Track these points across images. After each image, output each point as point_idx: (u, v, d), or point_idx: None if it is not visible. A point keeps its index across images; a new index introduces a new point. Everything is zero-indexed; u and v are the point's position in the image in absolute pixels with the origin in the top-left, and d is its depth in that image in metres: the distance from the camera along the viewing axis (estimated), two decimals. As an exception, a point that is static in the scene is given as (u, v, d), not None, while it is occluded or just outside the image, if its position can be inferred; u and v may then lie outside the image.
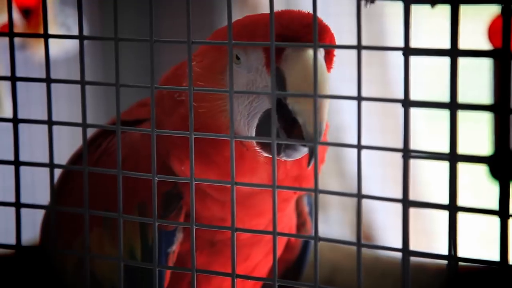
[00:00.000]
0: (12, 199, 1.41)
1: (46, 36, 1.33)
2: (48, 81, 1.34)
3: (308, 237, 1.27)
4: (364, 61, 1.21)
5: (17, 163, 1.39)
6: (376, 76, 3.61)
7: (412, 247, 1.18)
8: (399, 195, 1.19)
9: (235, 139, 1.28)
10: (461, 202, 1.15)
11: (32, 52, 3.02)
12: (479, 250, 3.70)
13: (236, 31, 1.38)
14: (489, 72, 2.21)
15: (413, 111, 1.19)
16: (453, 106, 1.12)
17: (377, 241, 3.64)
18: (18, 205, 1.39)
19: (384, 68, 3.62)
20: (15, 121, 1.38)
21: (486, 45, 2.13)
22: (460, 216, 1.15)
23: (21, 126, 1.39)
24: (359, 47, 1.17)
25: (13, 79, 1.36)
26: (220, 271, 1.59)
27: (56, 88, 1.35)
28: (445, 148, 1.15)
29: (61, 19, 3.14)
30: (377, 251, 2.32)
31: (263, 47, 1.44)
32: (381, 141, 3.62)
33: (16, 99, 1.37)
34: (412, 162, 1.18)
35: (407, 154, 1.16)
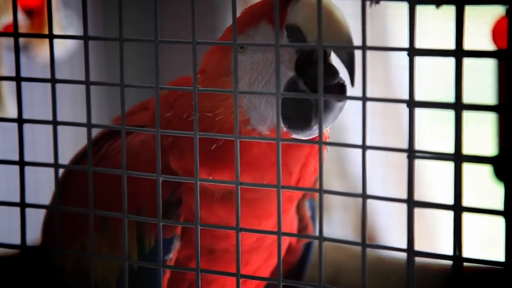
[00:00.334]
0: (15, 200, 1.41)
1: (51, 36, 1.33)
2: (53, 81, 1.34)
3: (313, 237, 1.27)
4: (367, 62, 1.21)
5: (22, 163, 1.39)
6: (379, 78, 3.61)
7: (414, 247, 1.18)
8: (401, 196, 1.19)
9: (239, 139, 1.28)
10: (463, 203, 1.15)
11: (35, 53, 3.03)
12: (479, 250, 3.70)
13: (238, 20, 1.40)
14: (491, 73, 2.22)
15: (415, 112, 1.19)
16: (458, 107, 1.12)
17: (379, 242, 3.65)
18: (23, 205, 1.39)
19: (386, 70, 3.62)
20: (20, 121, 1.38)
21: (489, 47, 2.14)
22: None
23: (23, 127, 1.39)
24: (364, 47, 1.17)
25: (18, 79, 1.36)
26: (220, 278, 1.60)
27: (58, 88, 1.35)
28: (446, 149, 1.15)
29: (62, 20, 3.14)
30: (380, 252, 2.32)
31: (266, 19, 1.44)
32: (382, 142, 3.62)
33: (21, 99, 1.37)
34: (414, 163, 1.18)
35: (412, 154, 1.16)
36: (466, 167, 1.14)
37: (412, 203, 1.16)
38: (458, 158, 1.12)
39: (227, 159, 1.46)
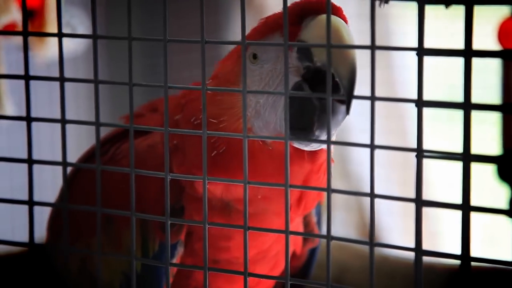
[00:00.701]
0: (19, 198, 1.42)
1: (60, 35, 1.34)
2: (62, 80, 1.35)
3: (321, 236, 1.27)
4: (369, 63, 1.23)
5: (30, 161, 1.39)
6: (381, 78, 3.62)
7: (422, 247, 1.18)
8: (404, 196, 1.19)
9: (247, 138, 1.28)
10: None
11: (34, 53, 3.03)
12: (479, 250, 3.70)
13: (254, 30, 1.47)
14: (493, 73, 2.22)
15: (413, 113, 1.19)
16: (467, 106, 1.12)
17: (381, 241, 3.65)
18: (31, 203, 1.39)
19: (389, 70, 3.63)
20: (28, 119, 1.38)
21: (493, 47, 2.14)
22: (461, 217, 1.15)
23: (25, 126, 1.40)
24: (373, 47, 1.18)
25: (27, 77, 1.37)
26: (223, 287, 1.60)
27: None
28: (446, 149, 1.16)
29: (66, 19, 3.14)
30: (384, 251, 2.32)
31: (280, 32, 1.45)
32: (384, 143, 3.60)
33: (29, 98, 1.38)
34: (415, 164, 1.18)
35: (420, 154, 1.16)
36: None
37: (420, 203, 1.17)
38: (466, 157, 1.12)
39: (226, 167, 1.47)
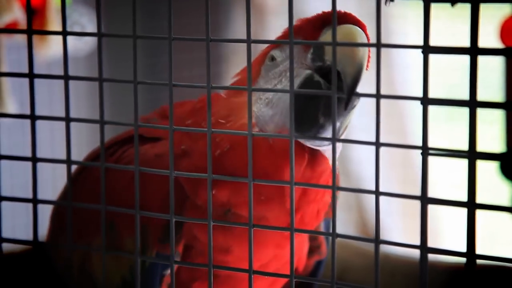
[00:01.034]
0: (21, 196, 1.42)
1: (64, 33, 1.34)
2: (67, 78, 1.35)
3: (326, 233, 1.28)
4: (373, 61, 1.23)
5: (34, 159, 1.39)
6: (381, 76, 3.62)
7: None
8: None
9: (252, 135, 1.28)
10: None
11: (35, 52, 3.03)
12: (479, 248, 3.71)
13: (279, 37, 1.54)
14: (495, 71, 2.22)
15: (413, 112, 1.19)
16: (472, 104, 1.12)
17: (382, 241, 3.65)
18: (35, 201, 1.39)
19: (389, 69, 3.63)
20: (32, 117, 1.38)
21: (495, 45, 2.14)
22: (463, 215, 1.16)
23: (26, 125, 1.40)
24: (379, 44, 1.18)
25: (32, 76, 1.37)
26: None
27: (59, 87, 1.36)
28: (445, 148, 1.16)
29: (75, 18, 3.14)
30: (386, 250, 2.32)
31: (301, 35, 1.47)
32: (385, 141, 3.62)
33: (34, 96, 1.38)
34: (415, 162, 1.19)
35: (426, 151, 1.16)
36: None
37: (426, 200, 1.17)
38: (472, 155, 1.13)
39: (229, 169, 1.48)
